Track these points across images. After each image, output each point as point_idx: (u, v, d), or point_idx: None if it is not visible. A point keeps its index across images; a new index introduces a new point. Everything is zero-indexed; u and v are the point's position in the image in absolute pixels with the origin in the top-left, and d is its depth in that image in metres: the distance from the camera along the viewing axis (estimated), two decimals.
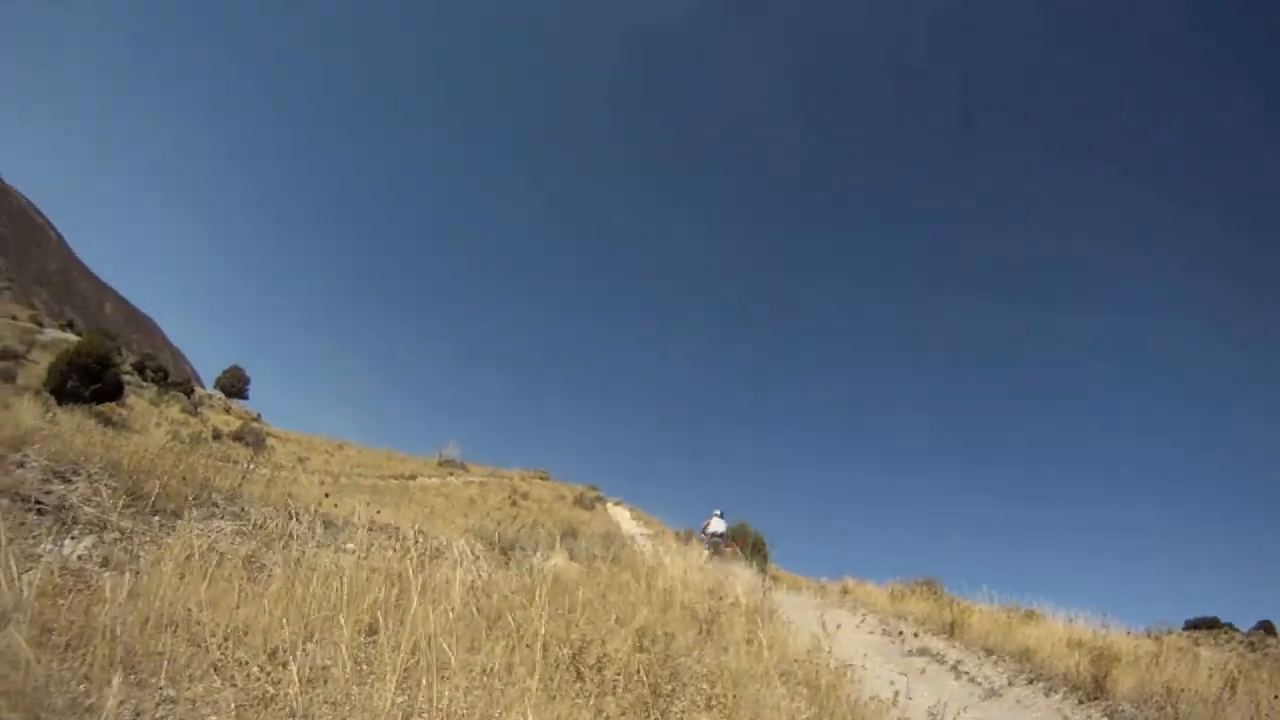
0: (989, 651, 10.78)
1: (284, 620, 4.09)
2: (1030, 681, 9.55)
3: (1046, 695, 9.12)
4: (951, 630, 11.81)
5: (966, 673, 10.10)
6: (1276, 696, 7.78)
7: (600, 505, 38.90)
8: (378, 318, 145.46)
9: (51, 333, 51.14)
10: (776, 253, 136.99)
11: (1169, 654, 10.37)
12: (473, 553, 6.28)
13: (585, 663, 4.44)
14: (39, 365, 32.05)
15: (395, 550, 5.54)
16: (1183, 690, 8.14)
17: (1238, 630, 43.09)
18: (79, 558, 5.07)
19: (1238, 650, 18.14)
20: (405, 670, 3.82)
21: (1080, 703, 8.71)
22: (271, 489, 8.33)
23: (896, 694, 5.71)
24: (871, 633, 12.13)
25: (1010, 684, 9.59)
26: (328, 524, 7.08)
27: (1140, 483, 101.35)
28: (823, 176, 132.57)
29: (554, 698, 3.91)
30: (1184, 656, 10.24)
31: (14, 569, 3.59)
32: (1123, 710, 8.31)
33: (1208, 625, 42.42)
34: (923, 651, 10.87)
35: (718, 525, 21.21)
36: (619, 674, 4.44)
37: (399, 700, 3.59)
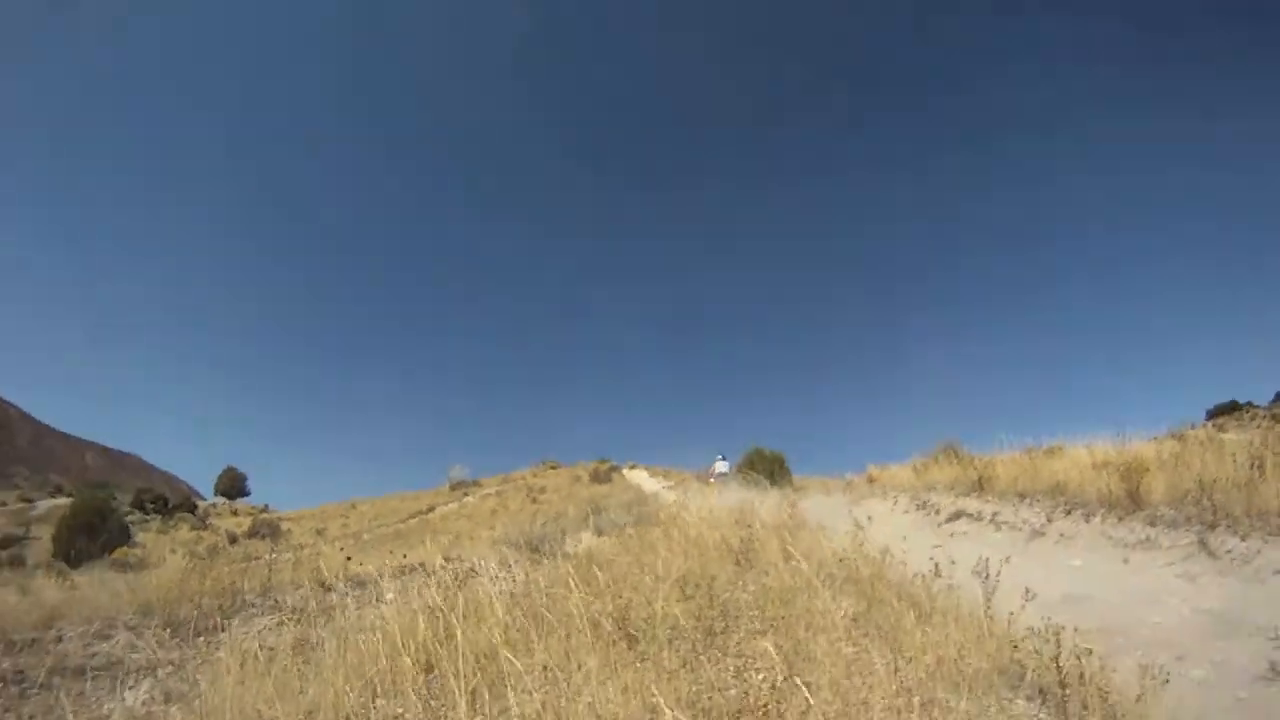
0: (1021, 496, 11.00)
1: (347, 688, 4.22)
2: (1068, 513, 9.77)
3: (1087, 521, 9.34)
4: (981, 486, 12.01)
5: (1005, 522, 10.33)
6: None
7: (617, 474, 39.18)
8: (343, 370, 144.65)
9: (44, 504, 50.67)
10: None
11: (1194, 448, 10.58)
12: (505, 561, 6.40)
13: (636, 628, 4.58)
14: (43, 540, 31.87)
15: (432, 586, 5.66)
16: (1214, 481, 8.34)
17: (1258, 407, 43.85)
18: (142, 703, 5.16)
19: (1262, 427, 18.45)
20: (471, 693, 3.95)
21: (1120, 520, 8.91)
22: (299, 570, 8.43)
23: (937, 565, 5.86)
24: (905, 512, 12.30)
25: (1049, 521, 9.82)
26: (361, 584, 7.21)
27: (1135, 278, 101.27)
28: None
29: (618, 670, 4.04)
30: (1209, 447, 10.39)
31: None
32: (1161, 514, 8.51)
33: (1229, 410, 43.00)
34: (958, 515, 11.09)
35: (722, 467, 21.68)
36: (671, 628, 4.59)
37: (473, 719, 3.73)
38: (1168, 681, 4.33)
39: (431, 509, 34.38)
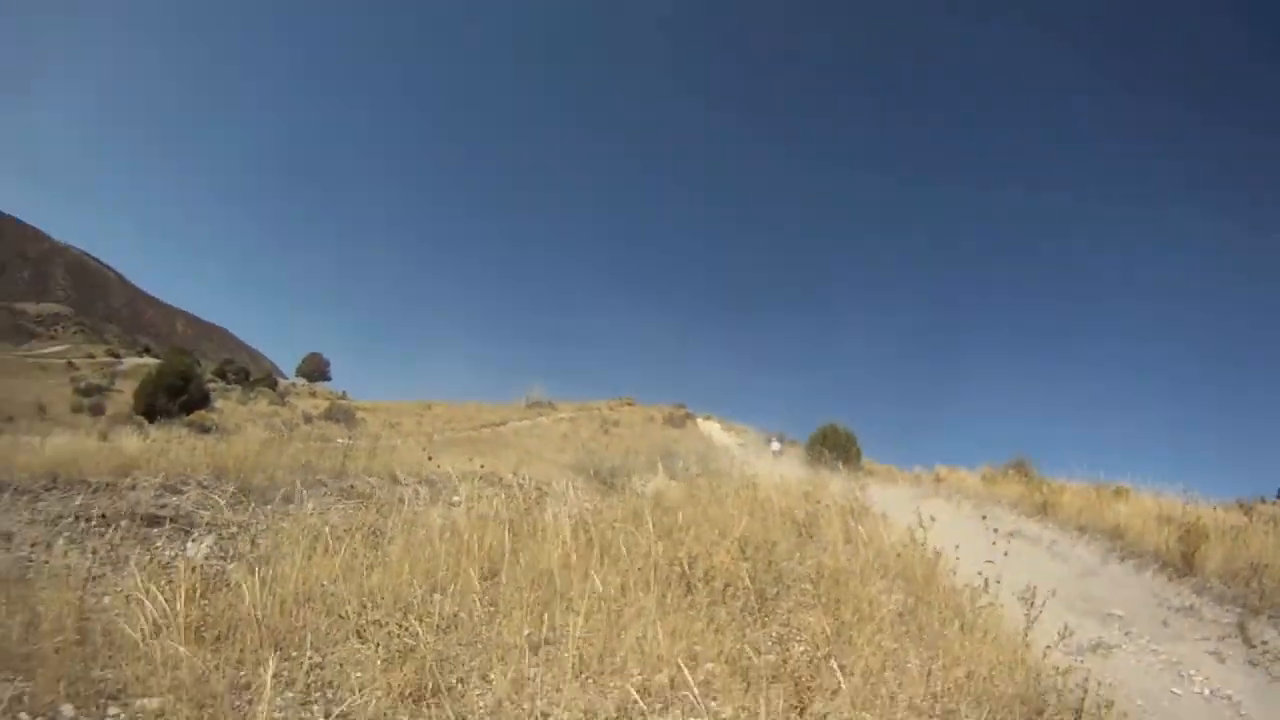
0: (1081, 530, 10.79)
1: (411, 579, 4.42)
2: (1122, 559, 9.58)
3: (1138, 573, 9.16)
4: (1044, 511, 11.82)
5: (1060, 553, 10.15)
6: None
7: (690, 422, 39.31)
8: (441, 275, 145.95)
9: (130, 361, 53.35)
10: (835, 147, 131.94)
11: (1258, 525, 10.24)
12: (574, 487, 6.54)
13: (694, 577, 4.68)
14: (125, 393, 33.55)
15: (501, 496, 5.82)
16: (1268, 566, 8.12)
17: None
18: (205, 557, 5.42)
19: None
20: (528, 606, 4.11)
21: (1170, 580, 8.73)
22: (374, 460, 8.73)
23: (986, 581, 5.83)
24: (967, 519, 12.18)
25: (1103, 562, 9.63)
26: (431, 483, 7.45)
27: (1228, 349, 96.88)
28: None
29: (668, 613, 4.15)
30: (1274, 528, 10.08)
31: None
32: (1211, 586, 8.30)
33: None
34: (1017, 534, 10.89)
35: (775, 447, 22.12)
36: (727, 584, 4.68)
37: (526, 633, 3.87)
38: None
39: (505, 422, 34.92)
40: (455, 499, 6.30)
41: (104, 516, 6.36)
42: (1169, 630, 7.62)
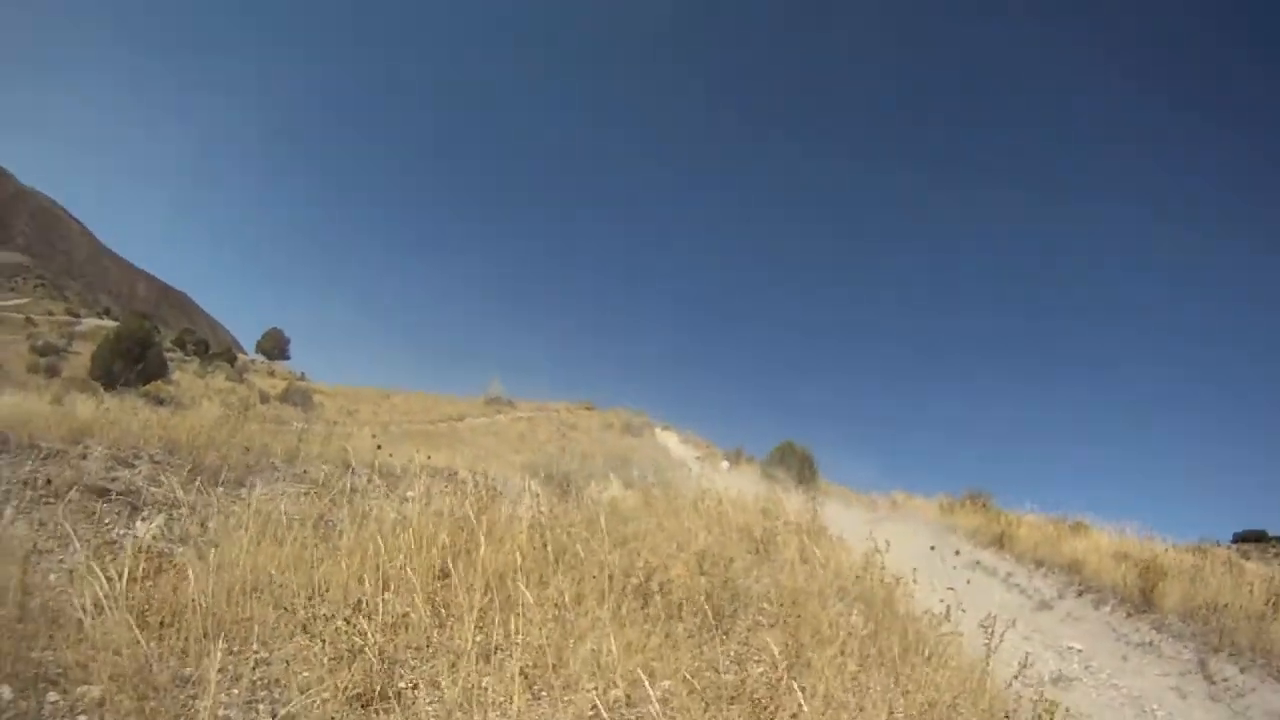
0: (1038, 564, 10.91)
1: (361, 574, 4.28)
2: (1080, 594, 9.70)
3: (1096, 608, 9.27)
4: (1001, 542, 11.94)
5: (1018, 585, 10.25)
6: None
7: (649, 431, 39.24)
8: (408, 262, 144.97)
9: (89, 322, 52.27)
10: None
11: (1214, 567, 10.43)
12: (530, 489, 6.43)
13: (650, 589, 4.58)
14: (82, 356, 32.84)
15: (455, 494, 5.69)
16: (1226, 605, 8.28)
17: None
18: (153, 537, 5.23)
19: None
20: (480, 610, 3.98)
21: (1128, 615, 8.86)
22: (328, 446, 8.55)
23: (949, 608, 5.81)
24: (924, 546, 12.26)
25: (1060, 596, 9.75)
26: (386, 474, 7.29)
27: (1187, 393, 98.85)
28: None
29: (624, 625, 4.06)
30: (1230, 570, 10.30)
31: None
32: (1169, 623, 8.44)
33: (1256, 538, 41.99)
34: (974, 564, 11.01)
35: (724, 466, 22.51)
36: (683, 598, 4.59)
37: (478, 639, 3.75)
38: None
39: (462, 418, 34.72)
40: (409, 494, 6.15)
41: (49, 482, 6.15)
42: (1129, 665, 7.71)
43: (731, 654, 4.17)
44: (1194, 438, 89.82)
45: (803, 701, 3.50)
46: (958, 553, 11.79)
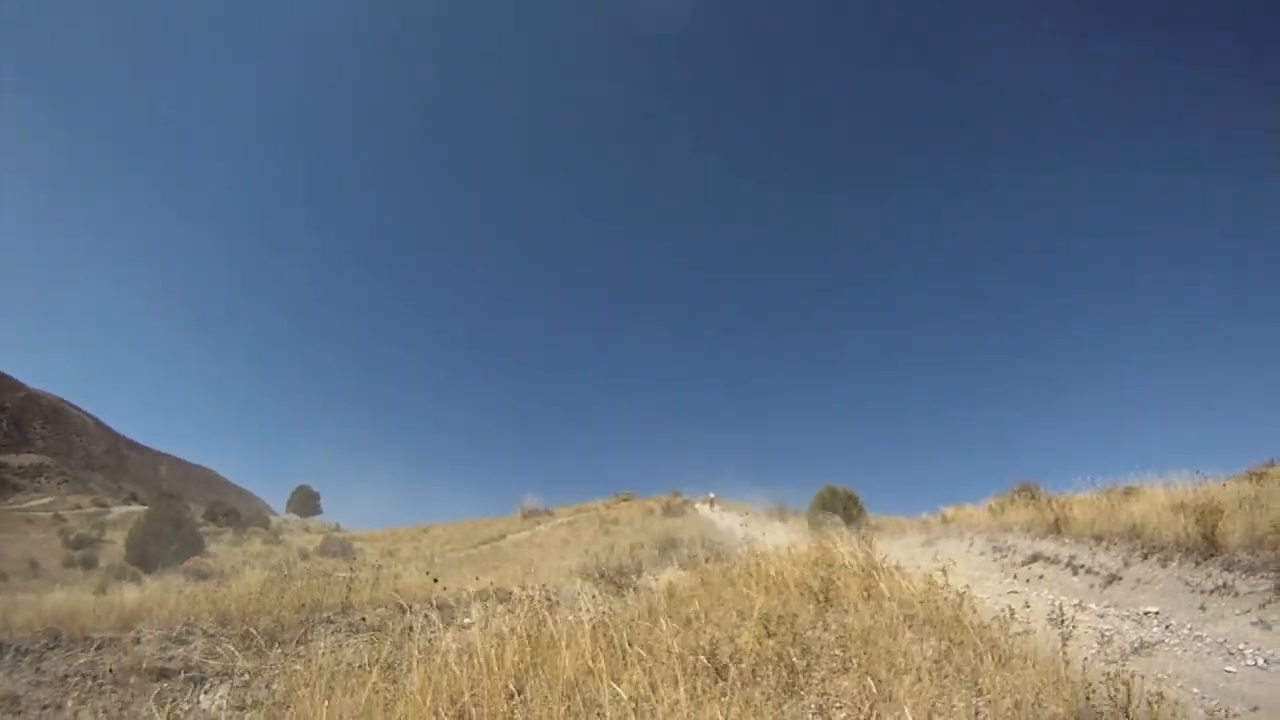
0: (1098, 539, 10.74)
1: (435, 709, 4.30)
2: (1145, 557, 9.52)
3: (1164, 566, 9.09)
4: (1057, 528, 11.76)
5: (1082, 566, 10.09)
6: None
7: (689, 508, 39.22)
8: (423, 398, 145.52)
9: (118, 509, 52.47)
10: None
11: (1272, 488, 10.27)
12: (586, 591, 6.47)
13: (720, 662, 4.60)
14: (116, 543, 32.99)
15: (512, 612, 5.73)
16: None
17: None
18: (218, 708, 5.28)
19: None
20: (560, 718, 4.00)
21: (1197, 564, 8.67)
22: (377, 590, 8.58)
23: (1012, 611, 5.79)
24: (982, 553, 12.14)
25: (1126, 565, 9.57)
26: (441, 606, 7.32)
27: (1213, 318, 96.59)
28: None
29: (701, 703, 4.07)
30: None
31: None
32: (1239, 559, 8.27)
33: None
34: (1034, 558, 10.87)
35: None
36: (755, 663, 4.60)
37: None
38: None
39: (503, 536, 34.67)
40: (467, 620, 6.21)
41: (111, 672, 6.22)
42: (1207, 613, 7.57)
43: (813, 706, 4.17)
44: (1236, 361, 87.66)
45: None
46: (1014, 549, 11.70)
